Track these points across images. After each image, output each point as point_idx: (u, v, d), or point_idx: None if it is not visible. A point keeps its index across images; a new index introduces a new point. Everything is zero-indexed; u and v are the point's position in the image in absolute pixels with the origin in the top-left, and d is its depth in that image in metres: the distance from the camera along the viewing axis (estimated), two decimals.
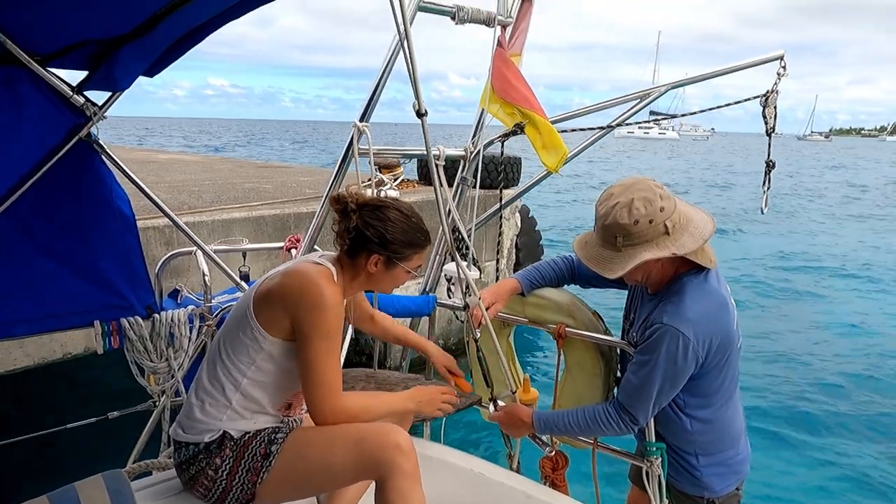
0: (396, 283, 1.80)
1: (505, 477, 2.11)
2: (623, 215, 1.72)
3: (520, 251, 8.82)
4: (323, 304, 1.58)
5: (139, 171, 8.85)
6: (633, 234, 1.72)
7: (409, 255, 1.74)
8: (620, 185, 1.79)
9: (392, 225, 1.69)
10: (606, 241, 1.79)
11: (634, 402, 1.86)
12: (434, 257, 2.77)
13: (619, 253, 1.76)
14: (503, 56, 2.49)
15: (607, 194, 1.79)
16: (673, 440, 1.98)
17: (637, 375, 1.84)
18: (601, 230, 1.80)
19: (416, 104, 1.72)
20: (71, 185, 2.07)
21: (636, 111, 2.61)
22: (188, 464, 1.67)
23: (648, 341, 1.80)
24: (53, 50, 1.79)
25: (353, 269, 1.74)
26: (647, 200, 1.72)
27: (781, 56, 2.37)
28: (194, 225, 5.14)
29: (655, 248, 1.73)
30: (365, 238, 1.68)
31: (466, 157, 2.66)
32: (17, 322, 2.15)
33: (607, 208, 1.76)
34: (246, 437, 1.67)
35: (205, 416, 1.66)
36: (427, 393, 1.85)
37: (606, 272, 1.79)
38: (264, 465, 1.64)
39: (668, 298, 1.82)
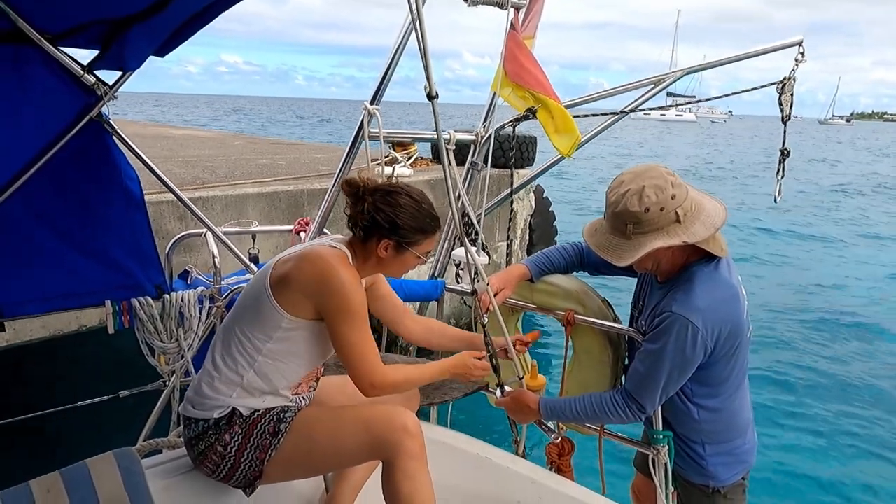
0: (406, 268, 1.81)
1: (510, 462, 2.12)
2: (634, 203, 1.70)
3: (533, 231, 8.76)
4: (344, 287, 1.61)
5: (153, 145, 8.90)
6: (643, 221, 1.71)
7: (420, 240, 1.75)
8: (631, 172, 1.77)
9: (403, 210, 1.70)
10: (616, 228, 1.77)
11: (642, 390, 1.85)
12: (443, 242, 2.76)
13: (628, 241, 1.75)
14: (516, 39, 2.46)
15: (618, 181, 1.77)
16: (680, 429, 1.98)
17: (645, 364, 1.83)
18: (611, 217, 1.78)
19: (427, 86, 1.71)
20: (81, 164, 2.07)
21: (651, 96, 2.57)
22: (197, 440, 1.69)
23: (657, 330, 1.79)
24: (64, 28, 1.79)
25: (364, 253, 1.76)
26: (658, 188, 1.70)
27: (800, 42, 2.32)
28: (208, 199, 5.14)
29: (666, 237, 1.71)
30: (376, 223, 1.69)
31: (477, 141, 2.64)
32: (28, 301, 2.17)
33: (618, 196, 1.74)
34: (255, 415, 1.68)
35: (215, 392, 1.68)
36: (464, 363, 1.88)
37: (615, 260, 1.78)
38: (272, 444, 1.66)
39: (678, 287, 1.80)
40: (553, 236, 9.39)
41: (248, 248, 2.79)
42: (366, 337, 1.66)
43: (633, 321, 2.09)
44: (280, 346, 1.68)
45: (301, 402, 1.79)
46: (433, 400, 2.24)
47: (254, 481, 1.70)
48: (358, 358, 1.65)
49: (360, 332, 1.65)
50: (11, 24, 1.64)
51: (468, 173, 2.69)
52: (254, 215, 5.54)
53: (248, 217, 5.48)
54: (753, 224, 16.50)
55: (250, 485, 1.72)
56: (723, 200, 1.82)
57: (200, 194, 5.18)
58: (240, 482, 1.71)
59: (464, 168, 2.70)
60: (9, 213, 1.99)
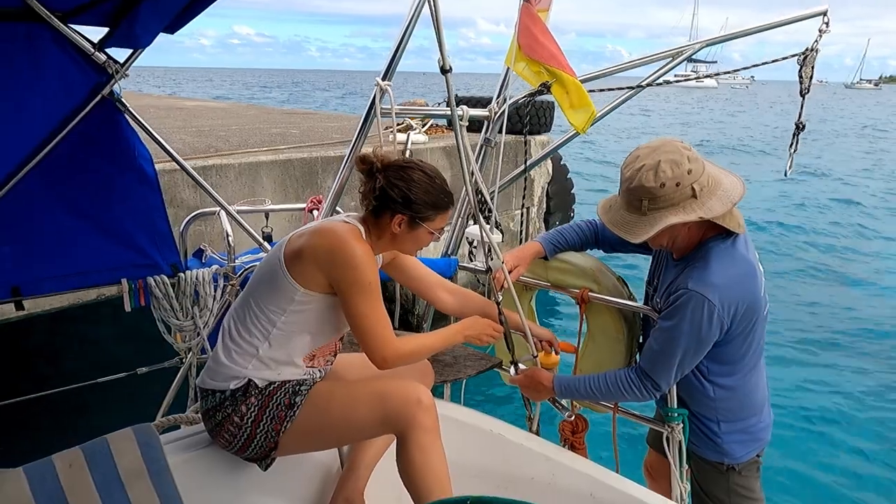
0: (419, 244, 1.81)
1: (524, 439, 2.12)
2: (649, 178, 1.67)
3: (551, 199, 8.66)
4: (356, 260, 1.63)
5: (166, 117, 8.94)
6: (658, 197, 1.68)
7: (433, 216, 1.75)
8: (647, 147, 1.73)
9: (416, 185, 1.70)
10: (631, 204, 1.75)
11: (657, 367, 1.84)
12: (456, 220, 2.74)
13: (644, 217, 1.72)
14: (530, 12, 2.40)
15: (633, 157, 1.74)
16: (695, 406, 1.97)
17: (660, 341, 1.82)
18: (626, 193, 1.75)
19: (441, 59, 1.68)
20: (94, 143, 2.08)
21: (669, 69, 2.52)
22: (214, 410, 1.71)
23: (672, 307, 1.78)
24: (74, 6, 1.77)
25: (377, 229, 1.76)
26: (674, 163, 1.67)
27: (825, 12, 2.24)
28: (221, 168, 5.14)
29: (682, 212, 1.69)
30: (389, 198, 1.69)
31: (491, 117, 2.60)
32: (45, 279, 2.20)
33: (633, 171, 1.71)
34: (272, 387, 1.70)
35: (231, 363, 1.70)
36: (476, 325, 1.88)
37: (631, 237, 1.75)
38: (288, 416, 1.68)
39: (694, 264, 1.78)
40: (571, 204, 9.27)
41: (262, 227, 2.80)
42: (377, 310, 1.67)
43: (647, 299, 2.07)
44: (294, 318, 1.69)
45: (317, 375, 1.80)
46: (447, 377, 2.25)
47: (269, 452, 1.73)
48: (370, 330, 1.66)
49: (371, 305, 1.65)
50: (22, 1, 1.63)
51: (482, 149, 2.66)
52: (267, 183, 5.51)
53: (262, 185, 5.47)
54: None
55: (266, 456, 1.74)
56: (740, 176, 1.79)
57: (214, 162, 5.18)
58: (255, 454, 1.73)
59: (478, 141, 2.67)
60: (24, 192, 2.01)
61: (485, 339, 1.90)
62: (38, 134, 1.95)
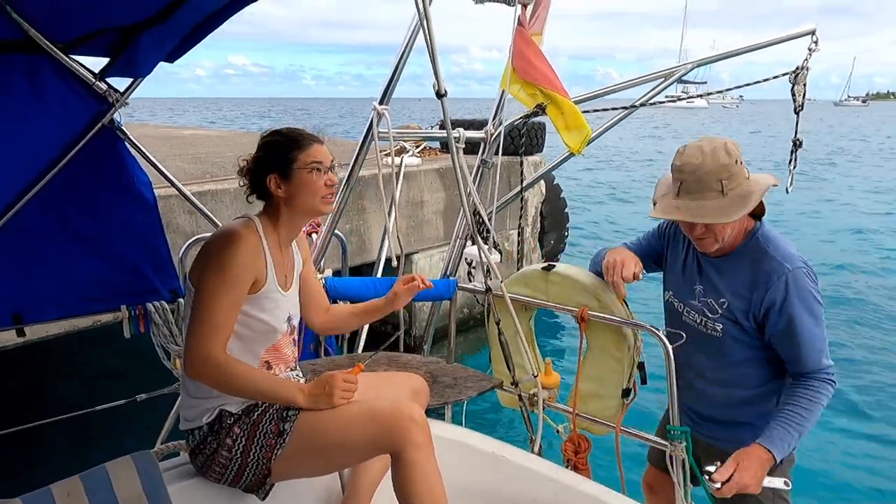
0: (312, 190, 1.68)
1: (527, 460, 2.11)
2: (723, 156, 1.72)
3: (545, 219, 8.73)
4: (224, 245, 1.58)
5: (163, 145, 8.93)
6: (734, 174, 1.73)
7: (296, 155, 1.67)
8: (696, 141, 1.79)
9: (265, 142, 1.72)
10: (709, 189, 1.74)
11: (822, 352, 1.78)
12: (454, 241, 2.76)
13: (726, 197, 1.73)
14: (524, 35, 2.45)
15: (692, 148, 1.78)
16: (756, 408, 1.94)
17: (806, 329, 1.76)
18: (698, 181, 1.75)
19: (436, 84, 1.71)
20: (95, 171, 2.09)
21: (660, 90, 2.56)
22: (199, 449, 1.69)
23: (788, 294, 1.76)
24: (75, 37, 1.80)
25: (270, 209, 1.73)
26: (731, 143, 1.76)
27: (813, 31, 2.29)
28: (217, 192, 5.17)
29: (755, 185, 1.75)
30: (255, 169, 1.70)
31: (487, 139, 2.63)
32: (45, 306, 2.19)
33: (701, 156, 1.74)
34: (255, 413, 1.67)
35: (195, 398, 1.68)
36: (323, 386, 1.65)
37: (726, 217, 1.73)
38: (278, 443, 1.65)
39: (760, 251, 1.82)
40: (565, 223, 9.35)
41: None
42: (223, 305, 1.56)
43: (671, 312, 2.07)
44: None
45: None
46: (448, 399, 2.24)
47: (264, 480, 1.69)
48: (196, 321, 1.57)
49: (212, 296, 1.56)
50: (24, 34, 1.66)
51: (478, 171, 2.69)
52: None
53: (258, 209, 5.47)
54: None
55: (262, 484, 1.70)
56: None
57: (210, 187, 5.22)
58: (250, 483, 1.70)
59: (474, 162, 2.70)
60: (25, 219, 2.02)
61: (336, 400, 1.64)
62: (39, 162, 1.97)
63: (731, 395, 1.98)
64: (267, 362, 1.74)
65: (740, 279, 1.85)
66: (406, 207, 6.55)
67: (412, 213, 6.66)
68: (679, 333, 2.00)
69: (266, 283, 1.67)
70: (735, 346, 1.92)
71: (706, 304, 1.94)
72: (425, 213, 6.79)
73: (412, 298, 2.04)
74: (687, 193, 1.77)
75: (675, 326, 2.04)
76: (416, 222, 6.68)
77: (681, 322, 2.04)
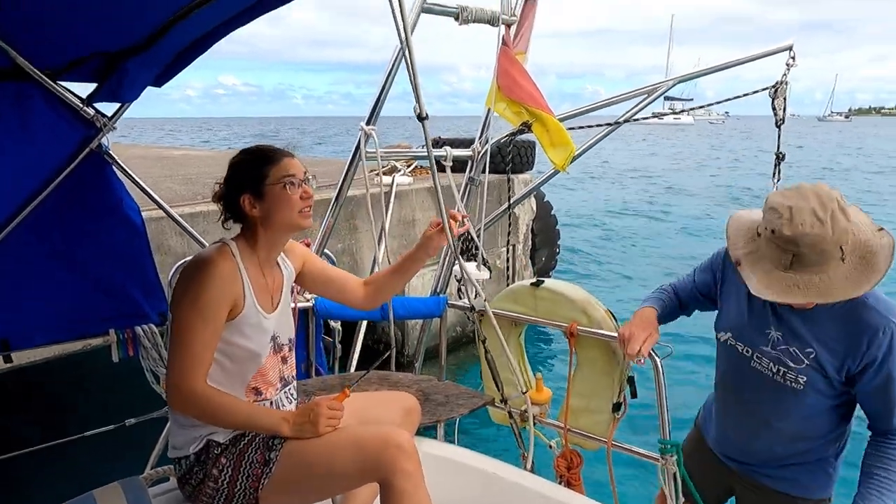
0: (288, 205, 1.63)
1: (519, 477, 2.11)
2: (842, 220, 1.50)
3: (536, 236, 8.78)
4: (195, 275, 1.55)
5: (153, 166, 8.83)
6: (852, 233, 1.52)
7: (268, 171, 1.63)
8: (803, 200, 1.52)
9: (235, 162, 1.67)
10: (831, 258, 1.52)
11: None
12: (443, 258, 2.77)
13: (846, 264, 1.51)
14: (508, 55, 2.49)
15: (805, 213, 1.50)
16: (822, 444, 1.81)
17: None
18: (820, 254, 1.51)
19: (417, 108, 1.73)
20: (83, 195, 2.10)
21: (644, 106, 2.60)
22: (186, 478, 1.67)
23: (892, 351, 1.58)
24: (63, 63, 1.82)
25: (247, 231, 1.69)
26: (840, 197, 1.53)
27: (790, 46, 2.34)
28: (208, 214, 5.17)
29: (868, 235, 1.54)
30: (227, 192, 1.67)
31: (474, 157, 2.66)
32: (33, 331, 2.18)
33: (820, 226, 1.49)
34: (240, 443, 1.65)
35: (183, 427, 1.66)
36: (307, 414, 1.62)
37: (857, 292, 1.51)
38: (265, 472, 1.62)
39: (860, 301, 1.58)
40: (556, 240, 9.40)
41: None
42: (196, 337, 1.53)
43: (734, 358, 1.84)
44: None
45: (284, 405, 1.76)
46: (440, 417, 2.24)
47: None
48: (177, 355, 1.54)
49: (191, 328, 1.53)
50: (11, 61, 1.67)
51: (466, 188, 2.71)
52: None
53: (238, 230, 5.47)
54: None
55: None
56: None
57: (201, 209, 5.22)
58: None
59: (463, 180, 2.72)
60: (13, 244, 2.01)
61: (321, 429, 1.61)
62: (27, 187, 1.97)
63: (797, 444, 1.83)
64: (255, 388, 1.71)
65: (833, 330, 1.64)
66: (398, 226, 6.57)
67: (404, 232, 6.69)
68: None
69: (244, 308, 1.63)
70: (814, 399, 1.74)
71: (787, 352, 1.73)
72: (417, 232, 6.82)
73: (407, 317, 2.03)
74: (803, 266, 1.53)
75: (740, 374, 1.84)
76: (408, 241, 6.70)
77: (748, 368, 1.81)
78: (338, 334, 2.73)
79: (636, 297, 2.13)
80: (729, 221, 1.75)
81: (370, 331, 2.79)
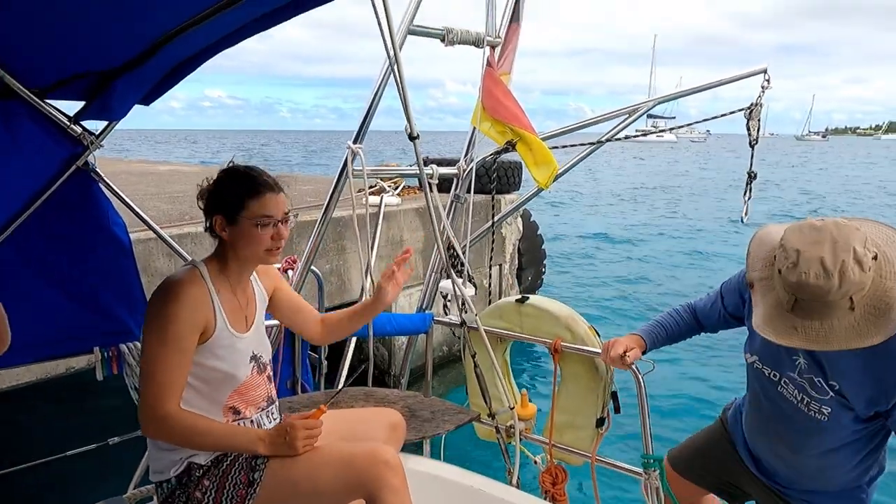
0: (256, 242, 1.64)
1: (505, 493, 2.11)
2: (856, 273, 1.40)
3: (522, 256, 8.82)
4: (163, 300, 1.55)
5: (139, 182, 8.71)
6: (867, 283, 1.44)
7: (246, 203, 1.63)
8: (812, 240, 1.44)
9: (221, 181, 1.66)
10: (835, 308, 1.44)
11: None
12: (429, 275, 2.79)
13: (856, 312, 1.44)
14: (493, 76, 2.54)
15: (812, 261, 1.41)
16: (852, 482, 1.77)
17: None
18: (824, 305, 1.44)
19: (408, 128, 1.76)
20: (69, 212, 2.10)
21: (626, 126, 2.66)
22: (169, 502, 1.65)
23: None
24: (51, 83, 1.83)
25: (219, 250, 1.70)
26: (860, 239, 1.42)
27: (765, 70, 2.42)
28: (196, 235, 5.14)
29: (891, 281, 1.45)
30: (207, 206, 1.67)
31: (459, 175, 2.70)
32: (19, 349, 2.16)
33: (826, 279, 1.40)
34: (223, 465, 1.64)
35: (162, 451, 1.64)
36: (284, 434, 1.61)
37: (860, 343, 1.44)
38: (249, 493, 1.61)
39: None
40: (542, 260, 9.45)
41: None
42: (166, 363, 1.52)
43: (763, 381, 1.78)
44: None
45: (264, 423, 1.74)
46: (426, 433, 2.24)
47: None
48: (148, 381, 1.53)
49: (161, 354, 1.52)
50: None
51: (452, 206, 2.74)
52: None
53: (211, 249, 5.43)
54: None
55: None
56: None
57: (189, 230, 5.19)
58: None
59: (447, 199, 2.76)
60: None
61: (298, 449, 1.60)
62: (13, 205, 1.97)
63: (824, 473, 1.77)
64: (233, 407, 1.69)
65: (862, 365, 1.55)
66: (386, 247, 6.58)
67: (392, 253, 6.69)
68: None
69: (216, 330, 1.62)
70: (840, 431, 1.66)
71: (811, 381, 1.65)
72: None
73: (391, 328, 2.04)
74: (804, 311, 1.47)
75: (768, 397, 1.78)
76: None
77: (775, 393, 1.76)
78: (324, 350, 2.74)
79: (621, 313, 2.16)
80: (754, 237, 1.67)
81: (358, 348, 2.79)
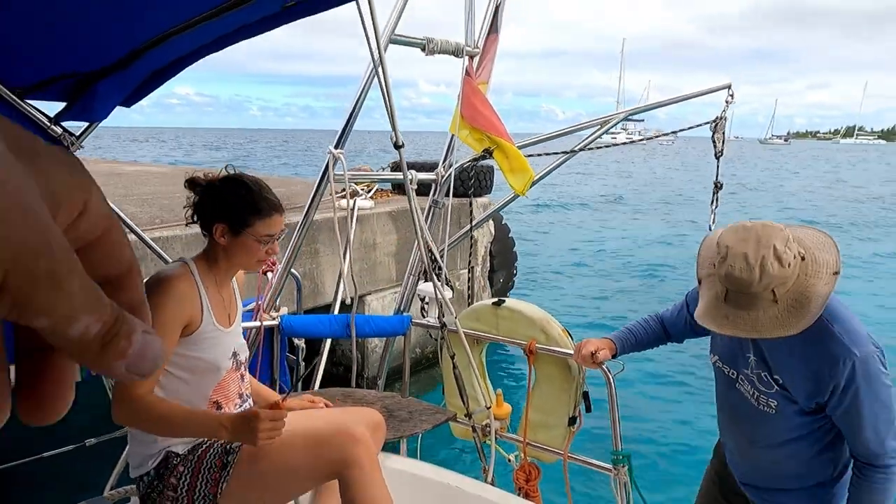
0: (252, 255, 1.72)
1: (481, 490, 2.17)
2: (774, 267, 1.53)
3: (494, 258, 8.92)
4: (157, 290, 1.59)
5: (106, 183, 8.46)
6: (788, 278, 1.56)
7: (253, 221, 1.69)
8: (739, 238, 1.58)
9: (232, 192, 1.69)
10: (761, 300, 1.58)
11: (888, 433, 1.62)
12: (407, 277, 2.85)
13: (779, 305, 1.56)
14: (471, 85, 2.61)
15: (737, 257, 1.56)
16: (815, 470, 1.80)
17: (870, 412, 1.61)
18: (749, 297, 1.58)
19: (394, 137, 1.81)
20: None
21: (597, 136, 2.76)
22: (147, 495, 1.68)
23: (855, 380, 1.59)
24: (32, 83, 1.83)
25: (212, 251, 1.74)
26: (781, 238, 1.56)
27: (729, 85, 2.54)
28: (168, 239, 5.09)
29: (815, 279, 1.57)
30: (208, 209, 1.70)
31: (438, 180, 2.76)
32: None
33: (749, 273, 1.55)
34: (199, 450, 1.68)
35: (140, 444, 1.68)
36: (247, 422, 1.57)
37: (783, 332, 1.56)
38: (223, 476, 1.65)
39: (827, 331, 1.60)
40: (513, 262, 9.56)
41: None
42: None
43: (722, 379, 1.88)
44: (164, 375, 1.66)
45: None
46: (403, 433, 2.29)
47: None
48: None
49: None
50: None
51: (430, 211, 2.80)
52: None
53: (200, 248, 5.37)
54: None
55: None
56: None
57: (159, 234, 5.14)
58: None
59: (426, 204, 2.82)
60: None
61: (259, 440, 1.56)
62: None
63: (787, 465, 1.83)
64: (216, 402, 1.74)
65: (799, 359, 1.66)
66: (359, 250, 6.60)
67: (365, 256, 6.71)
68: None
69: (202, 323, 1.68)
70: (789, 423, 1.75)
71: (759, 376, 1.77)
72: (378, 255, 6.85)
73: None
74: (734, 302, 1.61)
75: (727, 395, 1.89)
76: (369, 264, 6.72)
77: (733, 389, 1.86)
78: (301, 352, 2.77)
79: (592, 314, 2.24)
80: (704, 239, 1.82)
81: (330, 353, 2.82)
